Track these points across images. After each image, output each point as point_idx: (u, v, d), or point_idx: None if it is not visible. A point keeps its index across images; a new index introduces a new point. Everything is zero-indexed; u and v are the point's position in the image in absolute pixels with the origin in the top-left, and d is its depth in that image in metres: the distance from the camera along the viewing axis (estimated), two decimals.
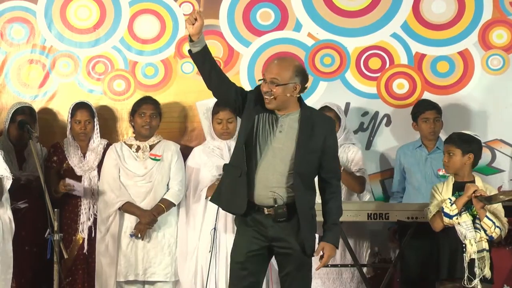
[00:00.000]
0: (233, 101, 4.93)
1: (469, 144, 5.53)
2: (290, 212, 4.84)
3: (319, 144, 4.87)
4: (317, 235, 5.04)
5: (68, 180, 6.23)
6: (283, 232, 4.86)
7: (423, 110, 6.41)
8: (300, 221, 4.84)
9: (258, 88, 4.94)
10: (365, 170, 6.44)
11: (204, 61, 4.87)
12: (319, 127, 4.90)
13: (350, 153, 6.39)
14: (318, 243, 4.97)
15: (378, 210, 6.01)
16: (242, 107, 4.93)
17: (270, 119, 4.89)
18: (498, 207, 5.48)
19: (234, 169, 4.89)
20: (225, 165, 5.03)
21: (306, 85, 4.94)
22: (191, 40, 4.84)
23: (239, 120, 5.47)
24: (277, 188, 4.83)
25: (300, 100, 4.97)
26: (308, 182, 4.90)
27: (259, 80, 4.92)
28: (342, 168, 6.25)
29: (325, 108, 6.39)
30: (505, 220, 5.48)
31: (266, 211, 4.85)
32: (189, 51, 4.89)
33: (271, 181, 4.83)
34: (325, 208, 4.95)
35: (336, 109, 6.44)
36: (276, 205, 4.82)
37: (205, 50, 4.86)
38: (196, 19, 4.78)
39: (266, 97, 4.84)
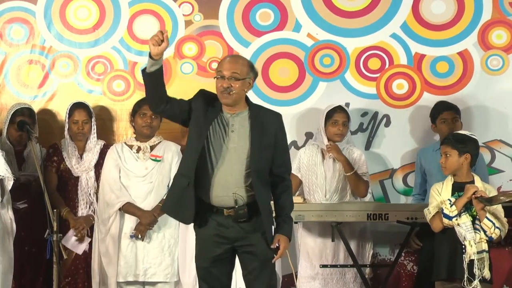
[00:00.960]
0: (179, 117, 4.92)
1: (465, 144, 5.54)
2: (250, 211, 4.84)
3: (271, 140, 4.90)
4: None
5: (83, 241, 6.27)
6: (244, 231, 4.86)
7: (441, 111, 6.40)
8: (263, 218, 4.85)
9: (201, 92, 4.95)
10: (368, 174, 6.44)
11: (157, 83, 4.82)
12: (268, 123, 4.92)
13: (354, 155, 6.37)
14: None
15: (378, 211, 6.03)
16: (188, 118, 4.90)
17: (220, 120, 4.88)
18: (498, 208, 5.48)
19: (182, 179, 4.89)
20: (175, 174, 5.06)
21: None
22: (150, 58, 4.75)
23: None
24: (237, 188, 4.82)
25: (247, 98, 4.98)
26: (264, 179, 4.90)
27: (215, 77, 4.89)
28: (354, 170, 6.26)
29: (337, 108, 6.37)
30: (505, 220, 5.48)
31: (225, 212, 4.84)
32: (143, 70, 4.82)
33: (230, 182, 4.83)
34: (279, 202, 4.95)
35: (348, 110, 6.45)
36: (236, 206, 4.82)
37: (160, 71, 4.81)
38: (162, 41, 4.71)
39: (225, 93, 4.83)
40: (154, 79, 4.82)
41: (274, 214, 4.96)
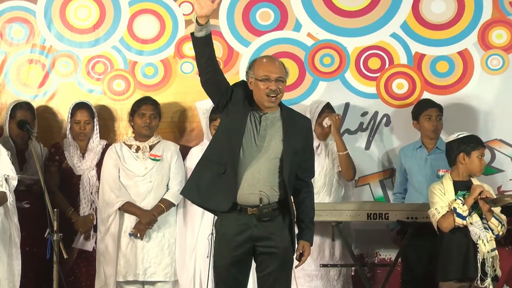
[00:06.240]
0: (221, 93, 4.80)
1: None
2: (274, 211, 4.80)
3: (302, 144, 4.86)
4: None
5: (90, 238, 6.31)
6: (267, 231, 4.79)
7: (426, 108, 6.40)
8: (292, 219, 4.82)
9: (243, 83, 4.89)
10: None
11: (206, 45, 4.68)
12: (300, 126, 4.90)
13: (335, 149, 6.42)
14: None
15: (378, 210, 6.03)
16: (225, 103, 4.82)
17: (253, 117, 4.83)
18: None
19: (216, 165, 4.79)
20: (202, 159, 4.89)
21: None
22: (198, 24, 4.63)
23: None
24: (264, 187, 4.76)
25: None
26: (293, 181, 4.86)
27: (261, 80, 4.77)
28: (347, 151, 6.30)
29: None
30: (504, 217, 5.52)
31: (249, 210, 4.78)
32: (192, 34, 4.70)
33: (258, 180, 4.77)
34: (302, 206, 4.91)
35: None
36: (261, 205, 4.76)
37: (209, 36, 4.68)
38: (213, 1, 4.56)
39: (273, 95, 4.77)
40: (203, 42, 4.68)
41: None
